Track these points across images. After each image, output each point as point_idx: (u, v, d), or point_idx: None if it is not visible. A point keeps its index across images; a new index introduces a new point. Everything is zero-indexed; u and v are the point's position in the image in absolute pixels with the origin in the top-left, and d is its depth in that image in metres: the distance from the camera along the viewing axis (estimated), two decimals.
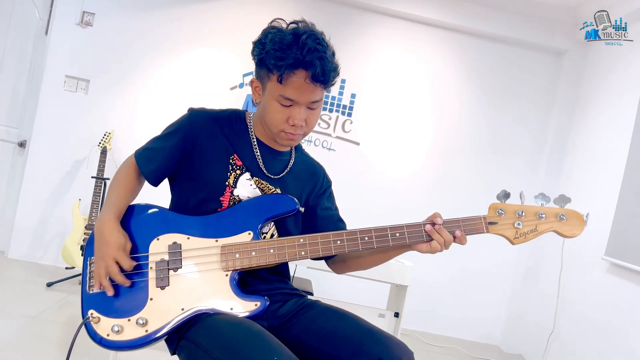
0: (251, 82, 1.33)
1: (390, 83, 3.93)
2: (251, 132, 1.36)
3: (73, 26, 3.74)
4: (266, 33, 1.24)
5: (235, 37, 3.80)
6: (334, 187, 1.53)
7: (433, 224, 1.25)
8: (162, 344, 1.31)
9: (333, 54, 1.25)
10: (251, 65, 1.32)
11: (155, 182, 1.35)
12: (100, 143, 3.53)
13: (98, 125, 3.73)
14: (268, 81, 1.25)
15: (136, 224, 1.29)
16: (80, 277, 3.48)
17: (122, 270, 1.21)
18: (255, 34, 1.31)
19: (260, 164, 1.35)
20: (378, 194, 3.92)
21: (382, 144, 3.93)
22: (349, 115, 3.88)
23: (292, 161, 1.41)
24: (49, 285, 3.29)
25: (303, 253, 1.24)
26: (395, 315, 2.44)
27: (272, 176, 1.36)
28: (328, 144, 3.85)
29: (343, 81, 3.86)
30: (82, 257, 3.31)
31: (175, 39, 3.81)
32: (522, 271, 3.89)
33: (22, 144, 3.84)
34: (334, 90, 3.86)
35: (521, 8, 3.78)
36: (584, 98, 3.77)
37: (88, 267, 1.27)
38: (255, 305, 1.21)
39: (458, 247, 1.42)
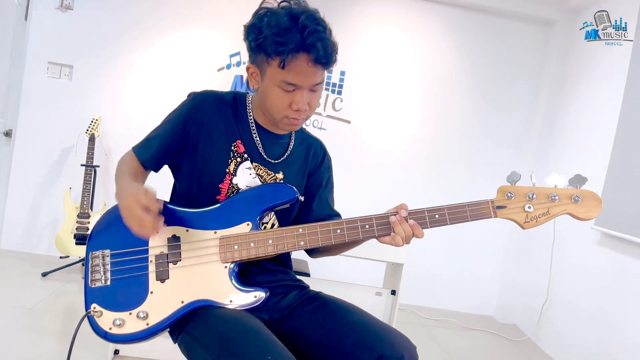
0: (247, 69, 1.29)
1: (379, 59, 3.89)
2: (250, 115, 1.34)
3: (53, 10, 3.64)
4: (260, 17, 1.19)
5: (221, 17, 3.72)
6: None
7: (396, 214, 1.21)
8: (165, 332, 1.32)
9: (330, 32, 1.22)
10: (237, 46, 1.29)
11: (156, 168, 1.34)
12: (87, 130, 3.48)
13: (84, 111, 3.66)
14: (267, 67, 1.20)
15: None
16: (76, 266, 3.46)
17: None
18: (241, 13, 1.26)
19: (260, 148, 1.32)
20: (370, 172, 3.92)
21: (372, 122, 3.91)
22: (339, 93, 3.85)
23: (292, 144, 1.39)
24: (44, 275, 3.28)
25: (302, 243, 1.23)
26: (392, 293, 2.46)
27: (272, 161, 1.34)
28: (319, 124, 3.83)
29: None
30: (76, 246, 3.30)
31: (160, 20, 3.73)
32: (515, 242, 3.93)
33: (7, 134, 3.77)
34: None
35: None
36: (574, 70, 3.75)
37: (90, 261, 1.25)
38: (255, 297, 1.20)
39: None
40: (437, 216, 1.23)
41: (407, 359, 1.12)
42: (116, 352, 2.35)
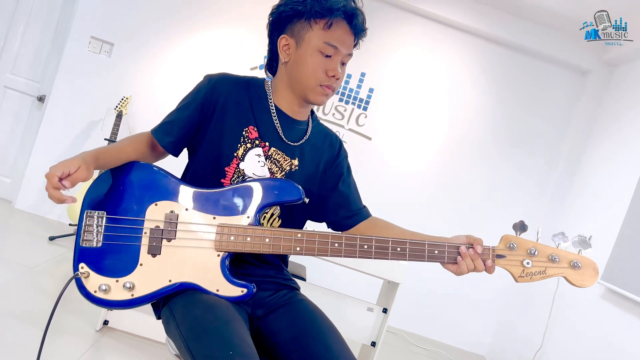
0: (279, 41, 1.32)
1: (409, 81, 3.92)
2: (270, 100, 1.35)
3: None
4: None
5: (260, 19, 3.79)
6: None
7: (469, 247, 1.22)
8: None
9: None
10: None
11: (176, 153, 1.35)
12: (117, 107, 3.57)
13: (117, 89, 3.77)
14: (309, 31, 1.27)
15: (137, 183, 1.26)
16: None
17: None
18: None
19: (280, 131, 1.34)
20: (386, 189, 3.93)
21: (393, 141, 3.93)
22: (365, 109, 3.89)
23: (309, 130, 1.40)
24: (51, 239, 3.36)
25: (298, 249, 1.22)
26: (383, 311, 2.46)
27: (291, 143, 1.35)
28: (340, 135, 3.85)
29: (362, 74, 3.86)
30: None
31: (203, 13, 3.83)
32: (518, 285, 3.89)
33: (40, 99, 3.90)
34: (353, 82, 3.86)
35: (549, 21, 3.73)
36: (603, 121, 3.73)
37: (85, 220, 1.25)
38: (242, 291, 1.21)
39: None
40: (436, 252, 1.22)
41: None
42: (105, 322, 2.40)
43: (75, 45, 3.78)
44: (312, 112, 1.46)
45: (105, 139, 3.53)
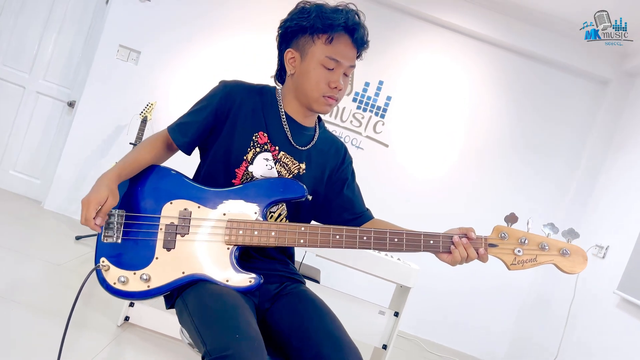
0: (285, 54, 1.40)
1: (426, 90, 3.97)
2: (280, 107, 1.43)
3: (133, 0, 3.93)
4: (303, 6, 1.38)
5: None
6: (359, 184, 1.60)
7: (462, 236, 1.29)
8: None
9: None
10: None
11: (189, 152, 1.46)
12: (142, 112, 3.71)
13: (142, 95, 3.92)
14: (312, 46, 1.35)
15: (154, 184, 1.37)
16: None
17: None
18: None
19: (289, 136, 1.42)
20: (404, 195, 3.97)
21: (410, 148, 3.97)
22: (382, 117, 3.94)
23: (316, 135, 1.48)
24: (78, 238, 3.50)
25: (302, 241, 1.30)
26: (395, 315, 2.50)
27: (299, 147, 1.43)
28: (357, 142, 3.93)
29: (380, 82, 3.92)
30: None
31: (224, 22, 3.95)
32: (534, 293, 3.87)
33: (71, 104, 4.07)
34: (371, 90, 3.92)
35: (568, 31, 3.74)
36: (623, 131, 3.71)
37: (108, 218, 1.35)
38: (250, 281, 1.29)
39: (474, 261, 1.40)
40: (431, 242, 1.29)
41: None
42: (127, 318, 2.50)
43: (105, 53, 3.95)
44: (319, 118, 1.54)
45: (130, 143, 3.67)
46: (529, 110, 3.96)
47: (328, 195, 1.51)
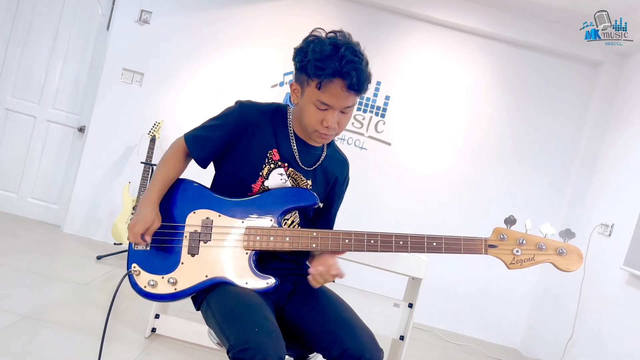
0: (290, 85, 1.48)
1: (424, 87, 4.07)
2: (290, 127, 1.52)
3: (132, 23, 4.07)
4: (307, 42, 1.39)
5: (278, 37, 4.03)
6: (362, 185, 1.72)
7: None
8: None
9: (367, 63, 1.39)
10: (291, 65, 1.47)
11: (205, 166, 1.57)
12: (150, 131, 3.84)
13: (149, 115, 4.05)
14: (307, 86, 1.39)
15: (179, 196, 1.51)
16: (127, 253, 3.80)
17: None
18: (297, 36, 1.48)
19: (296, 156, 1.52)
20: (407, 192, 4.07)
21: (413, 146, 4.07)
22: (382, 116, 4.04)
23: (323, 155, 1.58)
24: (99, 258, 3.63)
25: (314, 245, 1.42)
26: (409, 306, 2.59)
27: (305, 167, 1.53)
28: (360, 143, 4.03)
29: (378, 83, 4.03)
30: None
31: (222, 37, 4.08)
32: (546, 277, 3.94)
33: (81, 129, 4.21)
34: (369, 91, 4.03)
35: (558, 17, 3.82)
36: (619, 111, 3.78)
37: None
38: (267, 284, 1.42)
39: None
40: (434, 244, 1.40)
41: (366, 358, 1.28)
42: (153, 330, 2.61)
43: (109, 77, 4.08)
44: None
45: (141, 162, 3.79)
46: (525, 99, 4.04)
47: (327, 207, 1.65)
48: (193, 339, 2.61)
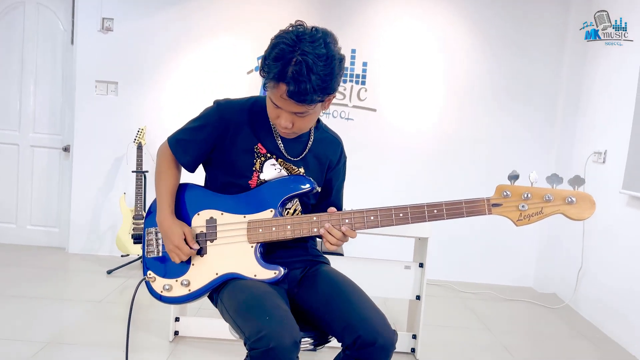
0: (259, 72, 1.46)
1: (400, 47, 4.03)
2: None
3: (96, 33, 3.99)
4: (275, 37, 1.30)
5: (246, 22, 3.96)
6: (355, 157, 1.69)
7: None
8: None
9: (326, 78, 1.25)
10: (263, 48, 1.36)
11: (193, 170, 1.56)
12: (135, 139, 3.81)
13: (131, 123, 4.01)
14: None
15: (183, 201, 1.54)
16: (136, 263, 3.82)
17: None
18: (265, 19, 1.42)
19: (282, 148, 1.50)
20: (397, 155, 4.08)
21: (398, 107, 4.06)
22: (363, 83, 4.02)
23: (311, 140, 1.54)
24: (109, 272, 3.65)
25: (316, 230, 1.43)
26: (420, 266, 2.64)
27: (293, 158, 1.51)
28: (346, 114, 4.01)
29: (353, 51, 3.99)
30: (134, 245, 3.65)
31: (190, 32, 4.01)
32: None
33: (66, 149, 4.17)
34: (346, 61, 3.98)
35: None
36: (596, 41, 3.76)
37: (147, 236, 1.56)
38: (275, 273, 1.44)
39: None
40: (435, 211, 1.38)
41: (380, 343, 1.28)
42: (176, 332, 2.65)
43: (84, 92, 4.03)
44: (318, 119, 1.57)
45: (132, 171, 3.78)
46: (501, 45, 4.01)
47: (327, 191, 1.64)
48: (216, 334, 2.66)
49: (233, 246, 1.47)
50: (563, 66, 3.98)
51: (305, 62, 1.22)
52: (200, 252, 1.48)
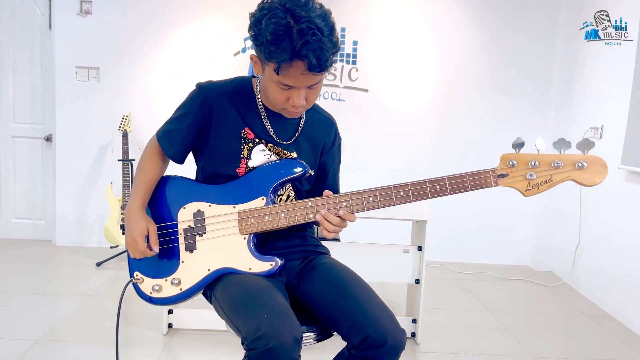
0: (250, 57, 1.31)
1: (391, 26, 3.91)
2: (259, 100, 1.39)
3: (74, 17, 3.82)
4: (261, 14, 1.18)
5: (229, 5, 3.82)
6: (347, 138, 1.59)
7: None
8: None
9: (331, 35, 1.18)
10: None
11: (181, 161, 1.46)
12: (120, 127, 3.68)
13: (115, 110, 3.87)
14: (266, 66, 1.23)
15: (166, 194, 1.44)
16: (126, 254, 3.72)
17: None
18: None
19: (271, 132, 1.40)
20: (391, 137, 3.99)
21: (390, 87, 3.96)
22: (354, 63, 3.91)
23: (302, 122, 1.45)
24: (98, 264, 3.55)
25: (311, 216, 1.33)
26: (418, 249, 2.57)
27: (283, 142, 1.42)
28: (337, 95, 3.91)
29: (343, 29, 3.87)
30: (123, 236, 3.54)
31: (173, 14, 3.86)
32: (545, 192, 3.93)
33: (48, 139, 4.03)
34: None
35: None
36: (589, 14, 3.67)
37: None
38: (271, 265, 1.34)
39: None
40: (437, 187, 1.29)
41: (390, 343, 1.20)
42: (170, 325, 2.57)
43: (64, 79, 3.88)
44: None
45: (118, 160, 3.66)
46: (494, 21, 3.91)
47: (322, 175, 1.54)
48: (211, 325, 2.58)
49: (224, 239, 1.37)
50: (558, 38, 3.89)
51: (311, 29, 1.13)
52: (190, 248, 1.38)
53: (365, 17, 3.89)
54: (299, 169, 1.38)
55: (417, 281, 2.57)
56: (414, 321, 2.60)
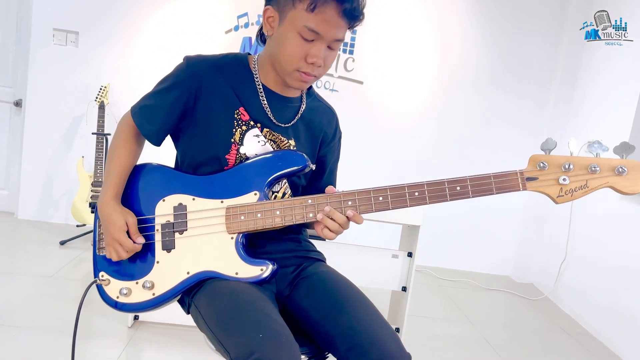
0: (264, 12, 1.19)
1: (392, 18, 3.74)
2: (257, 78, 1.25)
3: None
4: None
5: None
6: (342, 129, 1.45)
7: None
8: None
9: None
10: (245, 6, 1.17)
11: (158, 142, 1.27)
12: (97, 98, 3.44)
13: (93, 79, 3.61)
14: (292, 9, 1.12)
15: (142, 185, 1.25)
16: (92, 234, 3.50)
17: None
18: None
19: (269, 113, 1.24)
20: (384, 133, 3.84)
21: (386, 81, 3.80)
22: (351, 52, 3.73)
23: (303, 107, 1.31)
24: (62, 243, 3.32)
25: (311, 215, 1.17)
26: (408, 255, 2.44)
27: (282, 125, 1.26)
28: (330, 85, 3.73)
29: None
30: (92, 214, 3.32)
31: None
32: (533, 199, 3.85)
33: (17, 103, 3.75)
34: None
35: None
36: (596, 7, 3.58)
37: (98, 229, 1.26)
38: (261, 270, 1.16)
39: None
40: (458, 188, 1.14)
41: None
42: (136, 317, 2.39)
43: (40, 41, 3.59)
44: (310, 85, 1.32)
45: (93, 133, 3.42)
46: (497, 21, 3.79)
47: (319, 169, 1.39)
48: (180, 320, 2.40)
49: (208, 238, 1.19)
50: (562, 37, 3.78)
51: None
52: (167, 246, 1.20)
53: (366, 8, 3.70)
54: (298, 162, 1.22)
55: (404, 289, 2.44)
56: (397, 330, 2.47)
